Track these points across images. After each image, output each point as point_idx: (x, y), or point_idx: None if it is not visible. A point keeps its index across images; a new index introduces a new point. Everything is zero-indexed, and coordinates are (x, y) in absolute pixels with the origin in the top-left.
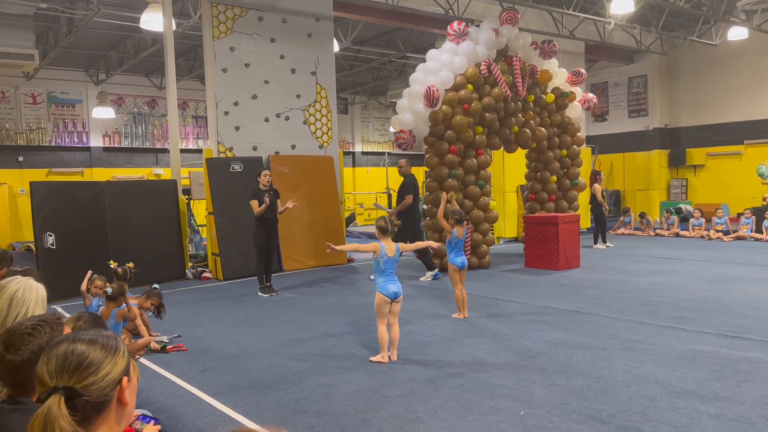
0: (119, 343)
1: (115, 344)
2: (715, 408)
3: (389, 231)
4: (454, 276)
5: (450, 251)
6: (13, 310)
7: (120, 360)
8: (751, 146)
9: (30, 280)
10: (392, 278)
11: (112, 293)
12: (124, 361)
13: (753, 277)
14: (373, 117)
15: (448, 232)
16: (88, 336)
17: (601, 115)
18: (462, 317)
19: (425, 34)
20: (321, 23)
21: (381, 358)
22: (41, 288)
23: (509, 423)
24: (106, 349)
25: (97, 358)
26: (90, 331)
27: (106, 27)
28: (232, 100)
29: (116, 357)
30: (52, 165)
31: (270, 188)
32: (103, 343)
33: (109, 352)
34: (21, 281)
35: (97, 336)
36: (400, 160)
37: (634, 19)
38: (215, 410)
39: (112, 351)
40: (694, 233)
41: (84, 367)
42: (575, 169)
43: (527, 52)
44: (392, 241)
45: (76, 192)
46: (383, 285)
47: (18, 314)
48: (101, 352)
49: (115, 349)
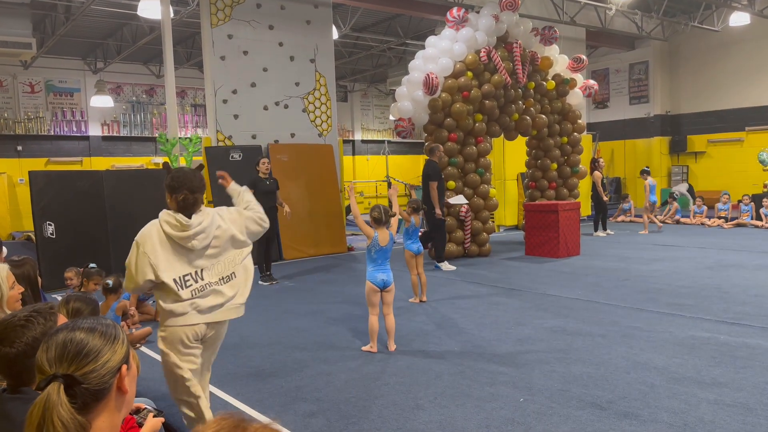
0: (118, 331)
1: (114, 332)
2: (714, 394)
3: (383, 221)
4: (410, 261)
5: (407, 239)
6: None
7: (119, 348)
8: (753, 133)
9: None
10: (382, 267)
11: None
12: (124, 349)
13: (753, 263)
14: (372, 105)
15: (406, 221)
16: (87, 324)
17: (602, 102)
18: (418, 301)
19: (425, 21)
20: (320, 10)
21: (370, 348)
22: (2, 267)
23: (509, 410)
24: (105, 337)
25: (96, 346)
26: (89, 320)
27: (104, 15)
28: (230, 88)
29: (115, 345)
30: (51, 154)
31: (269, 177)
32: (102, 331)
33: (108, 339)
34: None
35: (96, 324)
36: (434, 144)
37: (635, 5)
38: (216, 398)
39: (111, 339)
40: (694, 220)
41: (83, 355)
42: (576, 157)
43: (527, 39)
44: (387, 229)
45: (76, 181)
46: (372, 273)
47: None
48: (100, 339)
49: (114, 337)
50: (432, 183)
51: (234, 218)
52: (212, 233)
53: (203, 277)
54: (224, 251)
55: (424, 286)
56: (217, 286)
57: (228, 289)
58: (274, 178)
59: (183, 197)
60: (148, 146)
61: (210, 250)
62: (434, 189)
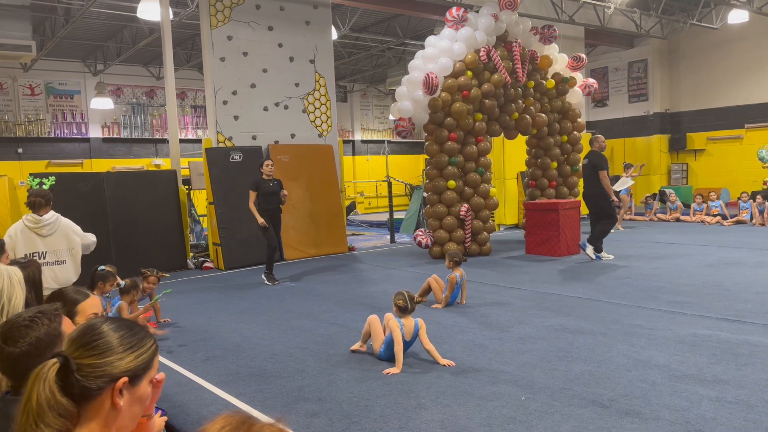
0: (141, 344)
1: (137, 343)
2: (715, 391)
3: (409, 309)
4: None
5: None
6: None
7: (128, 358)
8: (752, 130)
9: (1, 265)
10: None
11: (124, 286)
12: (135, 362)
13: (753, 261)
14: (372, 105)
15: (451, 285)
16: (118, 323)
17: (602, 101)
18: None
19: (424, 21)
20: (319, 11)
21: (359, 346)
22: (14, 270)
23: (511, 408)
24: (122, 341)
25: (107, 344)
26: (125, 321)
27: (103, 17)
28: (230, 89)
29: (126, 353)
30: (51, 156)
31: (273, 178)
32: (123, 335)
33: (125, 345)
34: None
35: (124, 326)
36: (597, 134)
37: (633, 4)
38: (218, 398)
39: (126, 345)
40: (694, 218)
41: (91, 346)
42: (576, 155)
43: (527, 38)
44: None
45: (76, 183)
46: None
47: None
48: (117, 341)
49: (131, 347)
50: (602, 172)
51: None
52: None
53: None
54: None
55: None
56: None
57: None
58: (278, 180)
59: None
60: (149, 148)
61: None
62: (606, 177)
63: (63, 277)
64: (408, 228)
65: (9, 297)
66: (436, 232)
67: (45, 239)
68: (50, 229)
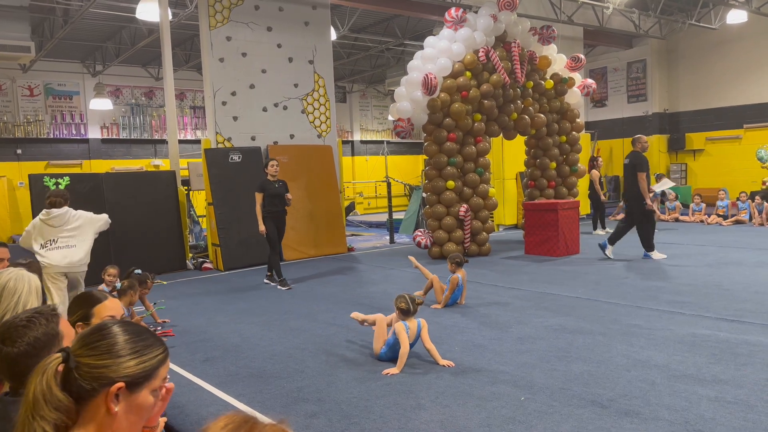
0: (146, 351)
1: (140, 349)
2: (714, 391)
3: (412, 311)
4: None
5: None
6: (4, 301)
7: (129, 363)
8: (751, 130)
9: (22, 270)
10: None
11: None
12: (135, 369)
13: (753, 260)
14: (371, 105)
15: (452, 285)
16: (132, 327)
17: (600, 101)
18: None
19: (423, 21)
20: (318, 11)
21: (362, 317)
22: (34, 278)
23: (510, 408)
24: (128, 345)
25: (111, 346)
26: (137, 326)
27: (102, 18)
28: (229, 90)
29: (128, 359)
30: (50, 157)
31: (277, 180)
32: (130, 339)
33: (127, 350)
34: (13, 272)
35: (133, 331)
36: (640, 136)
37: (632, 4)
38: (218, 399)
39: (129, 350)
40: (693, 218)
41: (93, 347)
42: (574, 156)
43: (526, 38)
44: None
45: (75, 184)
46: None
47: (9, 305)
48: (122, 344)
49: (134, 352)
50: (641, 174)
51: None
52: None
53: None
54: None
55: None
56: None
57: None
58: (283, 181)
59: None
60: (148, 149)
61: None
62: (644, 180)
63: (72, 259)
64: (407, 228)
65: (24, 303)
66: (436, 233)
67: (56, 229)
68: (59, 220)
